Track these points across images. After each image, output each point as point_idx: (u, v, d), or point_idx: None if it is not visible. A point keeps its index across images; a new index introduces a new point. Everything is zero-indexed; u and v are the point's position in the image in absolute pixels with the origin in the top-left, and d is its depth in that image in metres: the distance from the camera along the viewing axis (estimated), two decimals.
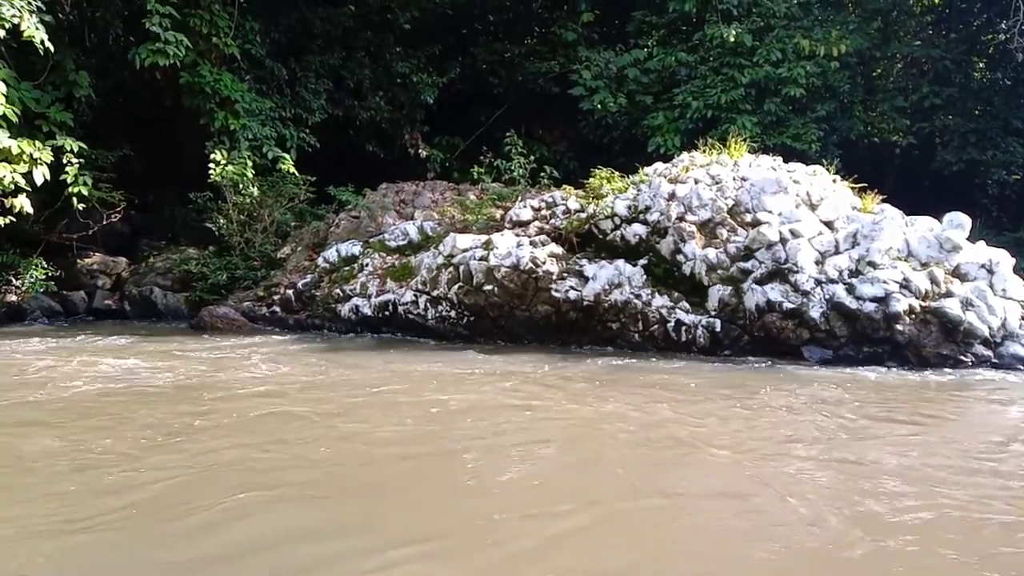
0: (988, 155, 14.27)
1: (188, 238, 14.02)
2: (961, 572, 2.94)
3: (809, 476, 4.01)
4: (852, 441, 4.73)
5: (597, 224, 9.55)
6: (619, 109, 15.35)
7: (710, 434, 4.86)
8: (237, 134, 12.94)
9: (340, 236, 11.86)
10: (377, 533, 3.25)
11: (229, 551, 3.07)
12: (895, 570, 2.94)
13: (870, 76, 16.45)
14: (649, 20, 16.16)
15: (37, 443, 4.61)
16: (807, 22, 14.75)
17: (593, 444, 4.69)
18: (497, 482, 3.94)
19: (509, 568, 2.97)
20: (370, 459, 4.37)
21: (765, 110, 14.27)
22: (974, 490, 3.80)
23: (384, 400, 5.93)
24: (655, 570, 3.01)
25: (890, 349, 7.55)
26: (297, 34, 15.76)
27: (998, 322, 7.48)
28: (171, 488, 3.76)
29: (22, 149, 10.26)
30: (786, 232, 8.28)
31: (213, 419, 5.19)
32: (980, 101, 15.09)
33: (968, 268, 7.89)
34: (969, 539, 3.22)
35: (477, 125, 18.20)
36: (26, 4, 9.76)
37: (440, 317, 9.56)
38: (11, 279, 12.19)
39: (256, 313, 11.03)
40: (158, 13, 11.68)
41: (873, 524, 3.33)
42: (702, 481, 4.01)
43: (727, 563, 3.01)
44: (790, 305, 7.83)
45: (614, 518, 3.49)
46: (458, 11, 18.61)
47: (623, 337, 8.58)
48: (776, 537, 3.21)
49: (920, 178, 15.38)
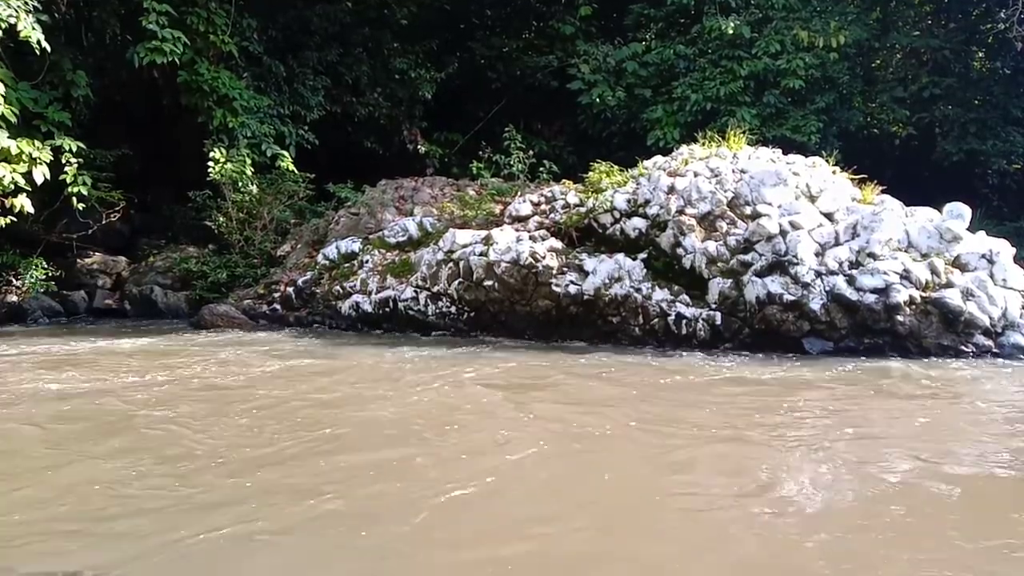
0: (988, 145, 14.24)
1: (188, 237, 14.04)
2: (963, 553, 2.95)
3: (823, 470, 4.01)
4: (859, 431, 4.73)
5: (596, 218, 9.55)
6: (618, 103, 15.33)
7: (719, 425, 4.86)
8: (236, 132, 12.94)
9: (340, 233, 11.86)
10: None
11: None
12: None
13: (869, 67, 16.40)
14: (647, 13, 16.12)
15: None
16: (806, 13, 14.72)
17: (597, 434, 4.69)
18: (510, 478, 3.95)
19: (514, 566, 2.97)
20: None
21: (764, 102, 14.25)
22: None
23: (389, 398, 5.92)
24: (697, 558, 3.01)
25: (891, 340, 7.54)
26: (294, 31, 15.75)
27: (999, 312, 7.47)
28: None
29: (21, 149, 10.27)
30: (786, 224, 8.26)
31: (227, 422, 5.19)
32: (980, 91, 15.06)
33: (968, 258, 7.88)
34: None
35: (476, 120, 18.20)
36: (22, 4, 9.76)
37: (440, 313, 9.56)
38: (11, 279, 12.22)
39: (257, 311, 11.03)
40: (155, 11, 11.68)
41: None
42: (719, 472, 4.01)
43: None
44: (790, 297, 7.82)
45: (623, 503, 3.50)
46: (455, 6, 18.60)
47: (624, 331, 8.58)
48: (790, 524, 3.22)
49: (920, 168, 15.34)
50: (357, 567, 2.96)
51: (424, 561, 2.98)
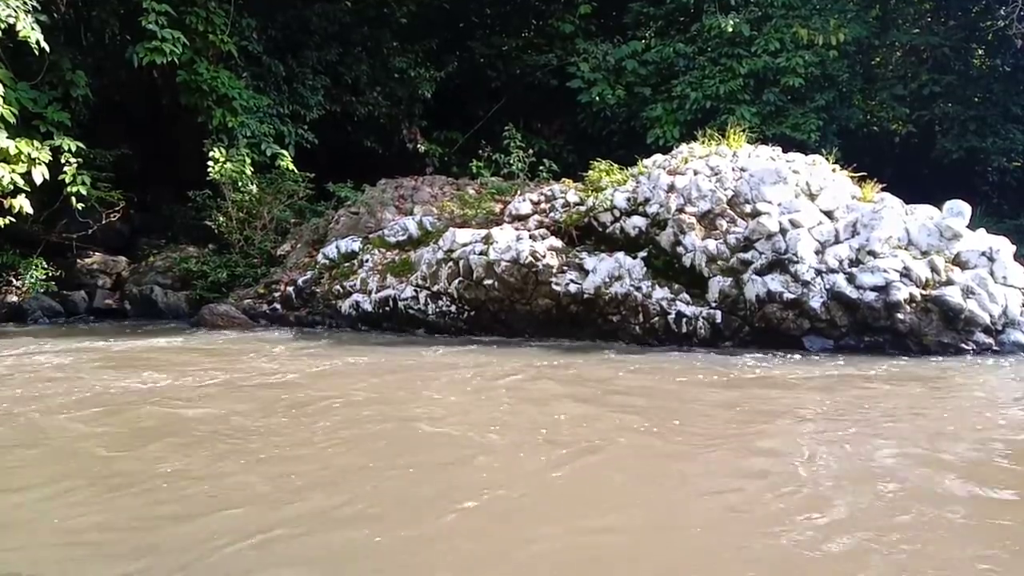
0: (988, 142, 14.22)
1: (188, 236, 14.03)
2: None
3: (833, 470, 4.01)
4: (861, 428, 4.74)
5: (596, 217, 9.54)
6: (617, 101, 15.32)
7: (721, 425, 4.87)
8: (235, 131, 12.93)
9: (340, 232, 11.85)
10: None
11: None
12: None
13: (869, 65, 16.39)
14: (647, 11, 16.10)
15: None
16: (805, 11, 14.69)
17: (603, 436, 4.69)
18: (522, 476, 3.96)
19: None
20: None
21: (764, 100, 14.23)
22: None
23: (396, 396, 5.93)
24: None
25: (891, 338, 7.55)
26: (294, 30, 15.73)
27: (999, 310, 7.47)
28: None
29: (20, 149, 10.27)
30: (786, 222, 8.26)
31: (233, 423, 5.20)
32: (979, 88, 15.04)
33: (968, 256, 7.88)
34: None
35: (475, 119, 18.18)
36: (21, 4, 9.75)
37: (440, 312, 9.56)
38: (11, 279, 12.22)
39: (257, 310, 11.03)
40: (154, 11, 11.67)
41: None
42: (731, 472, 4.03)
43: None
44: (790, 295, 7.82)
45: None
46: (455, 5, 18.57)
47: (624, 330, 8.58)
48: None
49: (920, 166, 15.33)
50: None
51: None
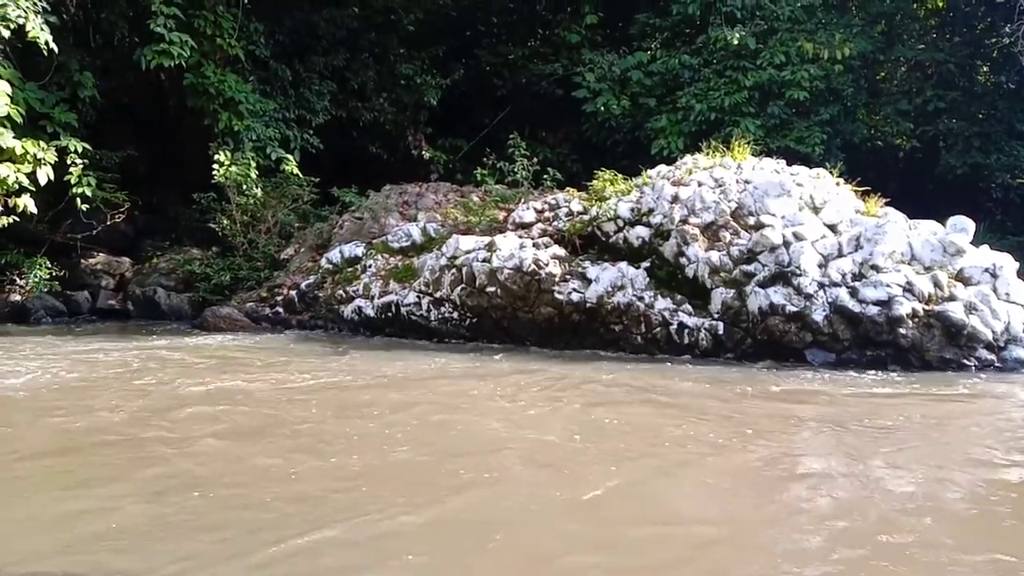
0: (992, 159, 14.24)
1: (192, 239, 14.06)
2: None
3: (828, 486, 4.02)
4: (862, 442, 4.73)
5: (600, 226, 9.55)
6: (622, 112, 15.35)
7: (730, 440, 4.87)
8: (241, 135, 12.98)
9: (343, 237, 11.88)
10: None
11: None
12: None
13: (874, 79, 16.43)
14: (653, 23, 16.16)
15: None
16: (811, 25, 14.75)
17: (607, 445, 4.69)
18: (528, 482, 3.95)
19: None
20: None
21: (768, 113, 14.27)
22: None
23: (395, 405, 5.93)
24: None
25: (893, 352, 7.53)
26: (301, 35, 15.80)
27: (1001, 326, 7.45)
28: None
29: (26, 149, 10.31)
30: (789, 235, 8.26)
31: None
32: (984, 105, 15.07)
33: (972, 272, 7.87)
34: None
35: (480, 127, 18.22)
36: (31, 5, 9.81)
37: (443, 319, 9.56)
38: (15, 279, 12.24)
39: (259, 314, 11.05)
40: (163, 14, 11.72)
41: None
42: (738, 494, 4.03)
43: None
44: (793, 308, 7.82)
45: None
46: (462, 13, 18.65)
47: (626, 339, 8.58)
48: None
49: (924, 182, 15.34)
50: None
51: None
